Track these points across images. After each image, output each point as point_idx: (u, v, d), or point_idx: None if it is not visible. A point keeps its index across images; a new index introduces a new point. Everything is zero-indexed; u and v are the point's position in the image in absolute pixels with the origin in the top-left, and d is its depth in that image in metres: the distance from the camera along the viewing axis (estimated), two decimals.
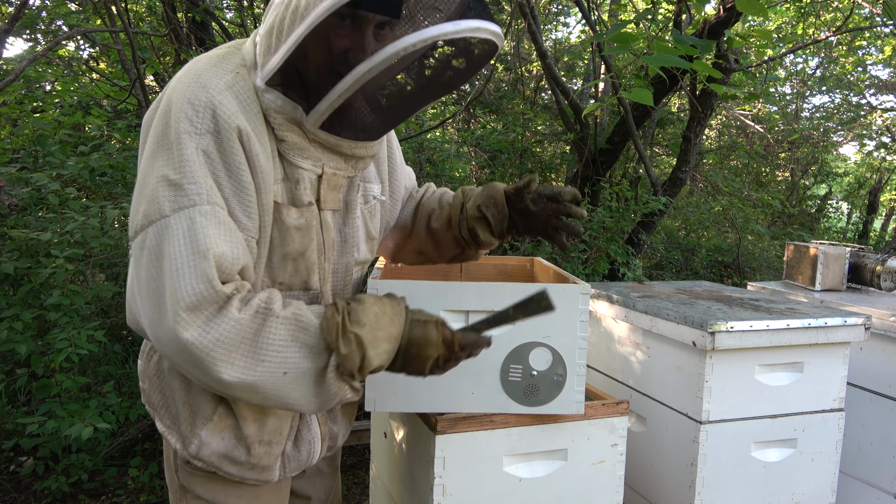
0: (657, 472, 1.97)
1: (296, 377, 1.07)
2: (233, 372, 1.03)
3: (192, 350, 1.00)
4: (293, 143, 1.16)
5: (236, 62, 1.14)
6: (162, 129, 1.07)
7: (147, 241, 1.04)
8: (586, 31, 7.22)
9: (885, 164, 10.64)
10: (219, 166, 1.07)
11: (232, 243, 1.05)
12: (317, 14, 0.98)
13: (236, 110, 1.08)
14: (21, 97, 4.13)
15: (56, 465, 2.97)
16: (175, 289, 1.00)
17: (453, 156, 5.24)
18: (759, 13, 2.48)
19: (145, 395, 1.30)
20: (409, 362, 1.15)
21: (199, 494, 1.26)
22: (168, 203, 1.03)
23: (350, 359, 1.07)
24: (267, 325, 1.05)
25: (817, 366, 1.91)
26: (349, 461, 3.43)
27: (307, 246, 1.23)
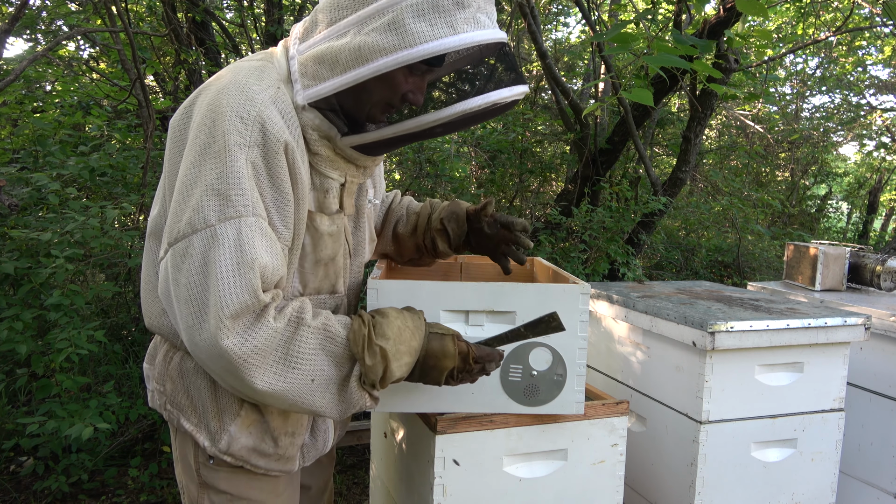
0: (657, 472, 1.97)
1: (322, 385, 1.14)
2: (266, 379, 1.08)
3: (230, 357, 1.05)
4: (326, 156, 1.24)
5: (275, 77, 1.18)
6: (207, 138, 1.10)
7: (191, 248, 1.07)
8: (586, 31, 7.22)
9: (885, 164, 10.64)
10: (264, 178, 1.11)
11: (273, 254, 1.10)
12: (386, 63, 1.07)
13: (282, 125, 1.13)
14: (21, 97, 4.13)
15: (56, 465, 2.97)
16: (220, 296, 1.04)
17: (453, 156, 5.24)
18: (759, 13, 2.48)
19: (165, 397, 1.32)
20: (426, 373, 1.22)
21: (223, 489, 1.30)
22: (214, 213, 1.06)
23: (374, 370, 1.14)
24: (298, 333, 1.10)
25: (817, 366, 1.91)
26: (349, 461, 3.43)
27: (337, 251, 1.32)
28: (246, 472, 1.31)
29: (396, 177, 5.86)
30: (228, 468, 1.30)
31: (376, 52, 1.07)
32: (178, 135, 1.20)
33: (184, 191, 1.10)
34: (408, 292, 1.41)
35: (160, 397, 1.33)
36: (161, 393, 1.33)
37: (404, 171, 5.50)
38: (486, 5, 1.13)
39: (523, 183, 6.26)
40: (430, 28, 1.06)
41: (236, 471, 1.30)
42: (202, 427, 1.27)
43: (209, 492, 1.31)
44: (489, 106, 1.14)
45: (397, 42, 1.06)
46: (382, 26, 1.07)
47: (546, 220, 5.44)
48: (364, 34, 1.09)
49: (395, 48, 1.06)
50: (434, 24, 1.06)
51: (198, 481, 1.31)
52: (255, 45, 5.49)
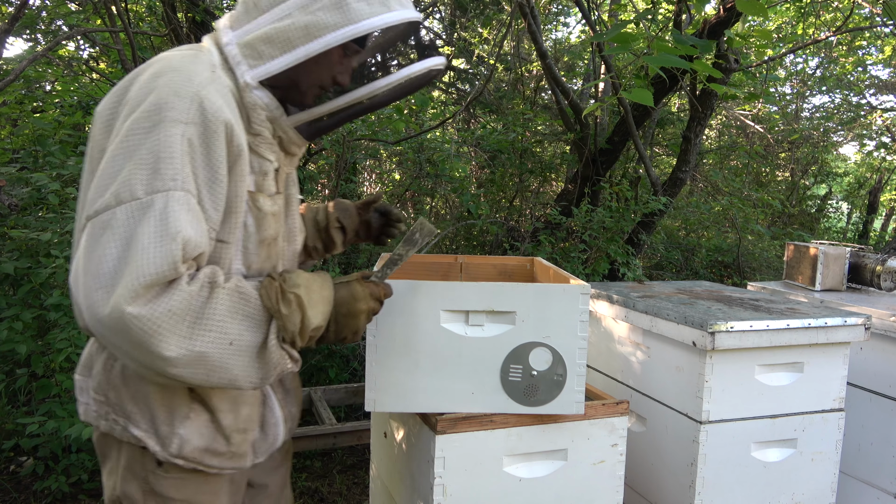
0: (657, 472, 1.97)
1: (240, 347, 1.12)
2: (178, 344, 1.05)
3: (137, 324, 1.01)
4: (265, 137, 1.27)
5: (208, 61, 1.21)
6: (141, 114, 1.09)
7: (114, 220, 1.04)
8: (586, 31, 7.22)
9: (885, 164, 10.64)
10: (199, 156, 1.11)
11: (197, 230, 1.09)
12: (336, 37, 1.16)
13: (222, 104, 1.15)
14: (21, 97, 4.13)
15: (56, 465, 2.97)
16: (139, 266, 1.02)
17: (453, 156, 5.24)
18: (759, 13, 2.48)
19: (108, 407, 1.27)
20: (342, 324, 1.23)
21: (171, 496, 1.27)
22: (142, 186, 1.05)
23: (291, 319, 1.14)
24: (213, 296, 1.09)
25: (817, 366, 1.91)
26: (349, 461, 3.43)
27: (279, 231, 1.35)
28: (196, 477, 1.29)
29: (396, 177, 5.87)
30: (178, 473, 1.27)
31: (324, 29, 1.16)
32: (106, 119, 1.17)
33: (111, 166, 1.08)
34: (408, 292, 1.41)
35: (101, 408, 1.27)
36: (103, 403, 1.27)
37: (404, 171, 5.51)
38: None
39: (523, 183, 6.26)
40: (368, 6, 1.18)
41: (186, 476, 1.28)
42: (151, 432, 1.24)
43: (156, 498, 1.27)
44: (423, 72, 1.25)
45: (342, 19, 1.16)
46: (328, 5, 1.17)
47: (546, 220, 5.44)
48: (310, 13, 1.17)
49: (340, 24, 1.16)
50: (371, 4, 1.18)
51: (144, 489, 1.27)
52: None
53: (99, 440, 1.34)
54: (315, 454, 3.45)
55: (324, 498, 3.09)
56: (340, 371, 3.91)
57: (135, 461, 1.27)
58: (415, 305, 1.41)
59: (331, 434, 2.96)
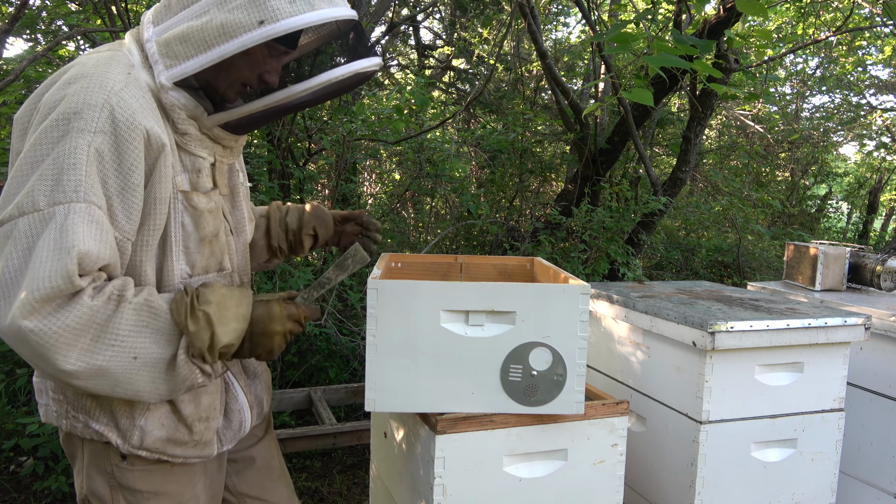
0: (657, 472, 1.97)
1: (146, 362, 1.10)
2: (77, 358, 1.04)
3: (34, 338, 1.01)
4: (193, 135, 1.25)
5: (125, 62, 1.18)
6: (51, 123, 1.08)
7: (15, 231, 1.04)
8: (586, 31, 7.22)
9: (885, 164, 10.64)
10: (109, 165, 1.09)
11: (100, 241, 1.07)
12: (251, 38, 1.11)
13: (136, 108, 1.12)
14: (21, 97, 4.13)
15: (56, 465, 2.97)
16: (33, 279, 1.01)
17: (453, 156, 5.24)
18: (759, 13, 2.48)
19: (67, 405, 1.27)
20: (256, 342, 1.21)
21: (139, 488, 1.28)
22: (44, 197, 1.04)
23: (199, 336, 1.12)
24: (119, 311, 1.07)
25: (817, 366, 1.91)
26: (349, 461, 3.44)
27: (219, 227, 1.34)
28: (162, 467, 1.29)
29: (396, 177, 5.86)
30: (143, 465, 1.28)
31: (240, 29, 1.11)
32: (22, 126, 1.16)
33: (18, 176, 1.07)
34: (408, 292, 1.41)
35: (60, 407, 1.28)
36: (61, 402, 1.27)
37: (404, 171, 5.51)
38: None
39: (523, 183, 6.26)
40: (289, 5, 1.12)
41: (151, 467, 1.28)
42: (112, 426, 1.24)
43: (124, 492, 1.28)
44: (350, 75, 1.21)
45: (259, 17, 1.11)
46: (244, 3, 1.12)
47: (546, 220, 5.44)
48: (226, 11, 1.12)
49: (256, 24, 1.11)
50: (293, 2, 1.13)
51: (111, 484, 1.28)
52: None
53: (65, 441, 1.34)
54: (315, 454, 3.45)
55: (324, 498, 3.09)
56: (340, 371, 3.91)
57: (98, 457, 1.28)
58: (415, 305, 1.41)
59: (331, 434, 2.96)
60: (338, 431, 2.97)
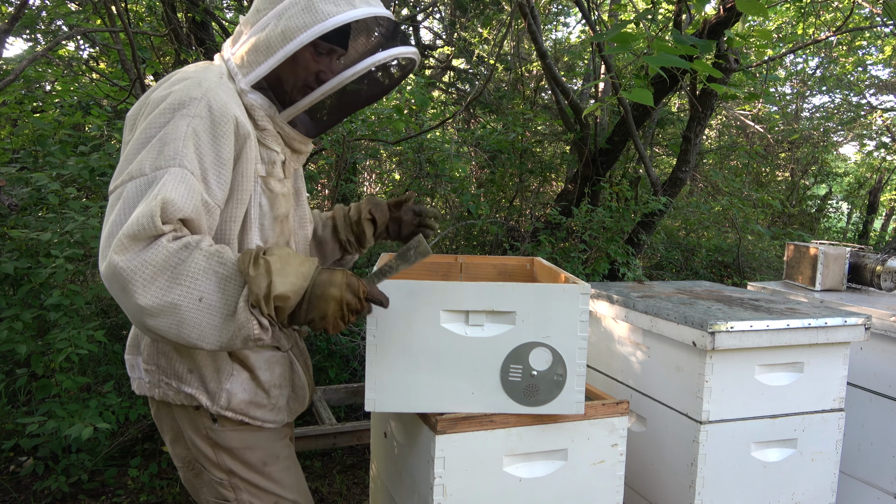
0: (657, 472, 1.97)
1: (210, 305, 1.20)
2: (152, 294, 1.16)
3: (120, 272, 1.14)
4: (269, 130, 1.46)
5: (217, 71, 1.41)
6: (158, 112, 1.28)
7: (124, 193, 1.22)
8: (586, 31, 7.22)
9: (885, 164, 10.64)
10: (204, 143, 1.28)
11: (185, 197, 1.22)
12: (307, 35, 1.34)
13: (228, 101, 1.33)
14: (21, 97, 4.12)
15: (56, 465, 2.97)
16: (129, 223, 1.16)
17: (453, 156, 5.24)
18: (759, 13, 2.48)
19: (160, 373, 1.43)
20: (313, 304, 1.26)
21: (234, 446, 1.45)
22: (149, 164, 1.23)
23: (257, 281, 1.19)
24: (192, 255, 1.19)
25: (817, 366, 1.91)
26: (349, 461, 3.43)
27: (289, 210, 1.54)
28: (247, 427, 1.46)
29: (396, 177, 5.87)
30: (232, 426, 1.45)
31: (297, 31, 1.34)
32: (131, 119, 1.36)
33: (130, 153, 1.27)
34: (408, 292, 1.41)
35: (152, 376, 1.44)
36: (154, 372, 1.44)
37: (404, 171, 5.51)
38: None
39: (523, 183, 6.26)
40: (334, 7, 1.35)
41: (239, 427, 1.46)
42: (202, 389, 1.41)
43: (223, 450, 1.45)
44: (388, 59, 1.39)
45: (311, 19, 1.34)
46: (298, 11, 1.35)
47: (546, 220, 5.44)
48: (285, 20, 1.35)
49: (310, 24, 1.34)
50: (338, 4, 1.35)
51: (210, 442, 1.45)
52: None
53: (156, 413, 1.53)
54: (315, 454, 3.45)
55: (324, 498, 3.09)
56: (340, 371, 3.91)
57: (194, 422, 1.46)
58: (415, 305, 1.41)
59: (331, 434, 2.96)
60: (338, 431, 2.97)
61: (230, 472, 1.47)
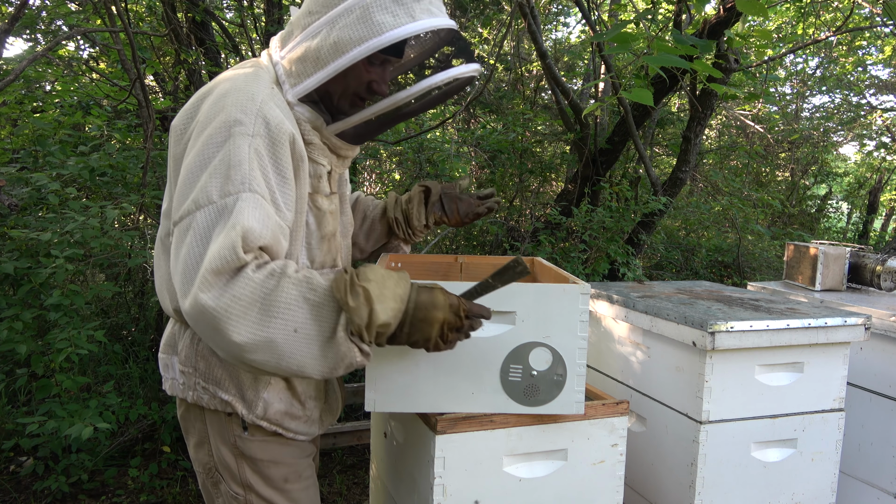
0: (657, 472, 1.97)
1: (306, 335, 1.16)
2: (246, 330, 1.12)
3: (210, 311, 1.10)
4: (316, 144, 1.40)
5: (268, 79, 1.33)
6: (213, 130, 1.22)
7: (194, 223, 1.17)
8: (586, 31, 7.22)
9: (885, 164, 10.64)
10: (267, 163, 1.23)
11: (263, 224, 1.18)
12: (361, 51, 1.24)
13: (282, 118, 1.27)
14: (21, 97, 4.13)
15: (56, 465, 2.97)
16: (209, 258, 1.12)
17: (453, 156, 5.24)
18: (759, 13, 2.48)
19: (197, 376, 1.39)
20: (416, 327, 1.21)
21: (258, 457, 1.41)
22: (217, 191, 1.17)
23: (358, 312, 1.14)
24: (280, 284, 1.14)
25: (817, 366, 1.91)
26: (349, 461, 3.43)
27: (336, 227, 1.49)
28: (276, 440, 1.42)
29: (396, 177, 5.86)
30: (262, 436, 1.41)
31: (350, 44, 1.24)
32: (180, 134, 1.32)
33: (190, 176, 1.21)
34: None
35: (188, 378, 1.40)
36: (191, 374, 1.40)
37: (404, 171, 5.50)
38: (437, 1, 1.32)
39: (523, 183, 6.26)
40: (392, 18, 1.24)
41: (269, 439, 1.42)
42: (239, 396, 1.37)
43: (246, 461, 1.41)
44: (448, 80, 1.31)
45: (367, 32, 1.24)
46: (353, 21, 1.24)
47: (546, 220, 5.43)
48: (338, 30, 1.25)
49: (366, 37, 1.24)
50: (396, 15, 1.24)
51: (235, 454, 1.41)
52: (255, 45, 5.49)
53: (184, 415, 1.48)
54: None
55: (324, 498, 3.09)
56: None
57: (223, 428, 1.41)
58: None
59: (331, 434, 2.96)
60: (338, 431, 2.97)
61: (248, 487, 1.42)
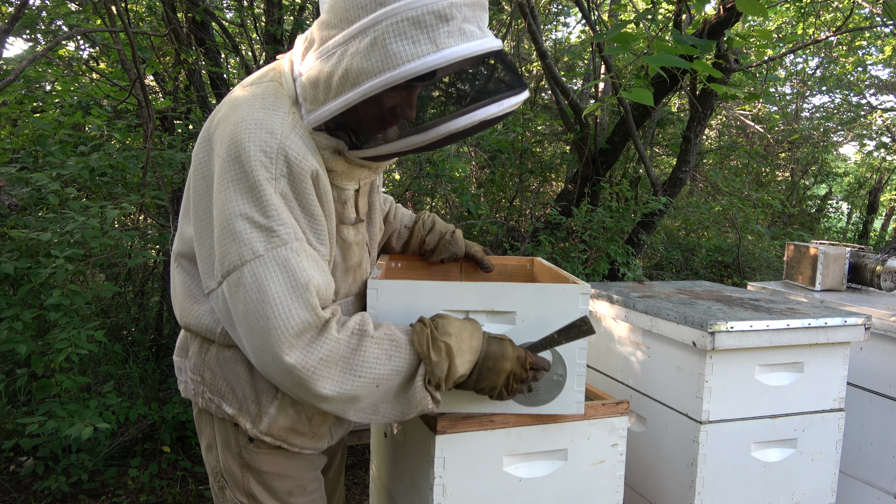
0: (657, 472, 1.97)
1: (387, 389, 1.22)
2: (332, 386, 1.17)
3: (296, 372, 1.14)
4: (340, 170, 1.31)
5: (287, 102, 1.23)
6: (237, 174, 1.16)
7: (243, 279, 1.15)
8: (586, 31, 7.22)
9: (885, 164, 10.64)
10: (294, 205, 1.20)
11: (322, 272, 1.20)
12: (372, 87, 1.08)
13: (305, 151, 1.19)
14: (21, 97, 4.12)
15: (56, 465, 2.97)
16: (282, 318, 1.13)
17: (453, 156, 5.24)
18: (759, 13, 2.48)
19: (204, 386, 1.39)
20: (484, 376, 1.28)
21: (264, 469, 1.39)
22: (261, 244, 1.15)
23: (440, 366, 1.21)
24: (363, 344, 1.19)
25: (817, 366, 1.91)
26: (349, 461, 3.43)
27: (362, 257, 1.45)
28: (283, 453, 1.40)
29: (396, 177, 5.86)
30: (267, 449, 1.38)
31: (362, 76, 1.09)
32: (201, 164, 1.27)
33: (225, 226, 1.17)
34: (408, 292, 1.41)
35: (197, 387, 1.40)
36: (199, 383, 1.40)
37: (404, 170, 5.50)
38: (472, 14, 1.10)
39: (523, 183, 6.26)
40: (412, 46, 1.05)
41: (274, 451, 1.39)
42: (243, 411, 1.35)
43: (251, 472, 1.40)
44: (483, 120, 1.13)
45: (380, 65, 1.07)
46: (365, 49, 1.08)
47: (546, 220, 5.43)
48: (349, 57, 1.10)
49: (378, 71, 1.07)
50: (416, 42, 1.05)
51: (240, 462, 1.40)
52: (255, 45, 5.49)
53: (197, 417, 1.48)
54: None
55: None
56: None
57: (229, 437, 1.40)
58: (415, 306, 1.41)
59: None
60: None
61: (252, 497, 1.41)
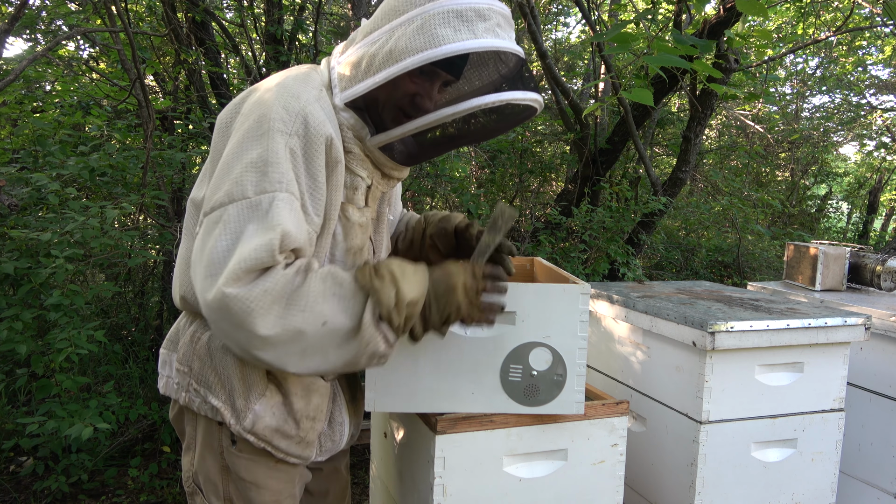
0: (657, 472, 1.97)
1: (334, 328, 1.15)
2: (273, 322, 1.11)
3: (235, 304, 1.08)
4: (356, 154, 1.34)
5: (318, 82, 1.31)
6: (253, 123, 1.21)
7: (225, 215, 1.15)
8: (586, 31, 7.22)
9: (885, 164, 10.64)
10: (300, 164, 1.21)
11: (297, 227, 1.17)
12: (414, 60, 1.19)
13: (324, 119, 1.24)
14: (21, 97, 4.12)
15: (56, 465, 2.97)
16: (240, 253, 1.11)
17: (453, 156, 5.24)
18: (759, 13, 2.48)
19: (191, 377, 1.35)
20: (442, 300, 1.23)
21: (243, 477, 1.34)
22: (252, 186, 1.16)
23: (385, 292, 1.16)
24: (307, 280, 1.15)
25: (817, 366, 1.91)
26: (349, 461, 3.43)
27: (364, 242, 1.42)
28: (266, 460, 1.35)
29: None
30: (250, 453, 1.34)
31: (405, 53, 1.20)
32: (224, 127, 1.31)
33: (225, 167, 1.20)
34: None
35: (183, 379, 1.36)
36: (185, 374, 1.36)
37: None
38: (505, 23, 1.26)
39: (523, 183, 6.26)
40: (454, 33, 1.19)
41: (257, 457, 1.34)
42: (228, 404, 1.31)
43: (230, 476, 1.35)
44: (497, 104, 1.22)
45: (423, 43, 1.19)
46: (412, 31, 1.21)
47: (546, 220, 5.43)
48: (395, 39, 1.22)
49: (421, 48, 1.19)
50: (458, 30, 1.19)
51: (221, 464, 1.35)
52: (255, 45, 5.49)
53: (176, 417, 1.44)
54: None
55: None
56: None
57: (212, 437, 1.35)
58: None
59: None
60: None
61: (228, 502, 1.36)
